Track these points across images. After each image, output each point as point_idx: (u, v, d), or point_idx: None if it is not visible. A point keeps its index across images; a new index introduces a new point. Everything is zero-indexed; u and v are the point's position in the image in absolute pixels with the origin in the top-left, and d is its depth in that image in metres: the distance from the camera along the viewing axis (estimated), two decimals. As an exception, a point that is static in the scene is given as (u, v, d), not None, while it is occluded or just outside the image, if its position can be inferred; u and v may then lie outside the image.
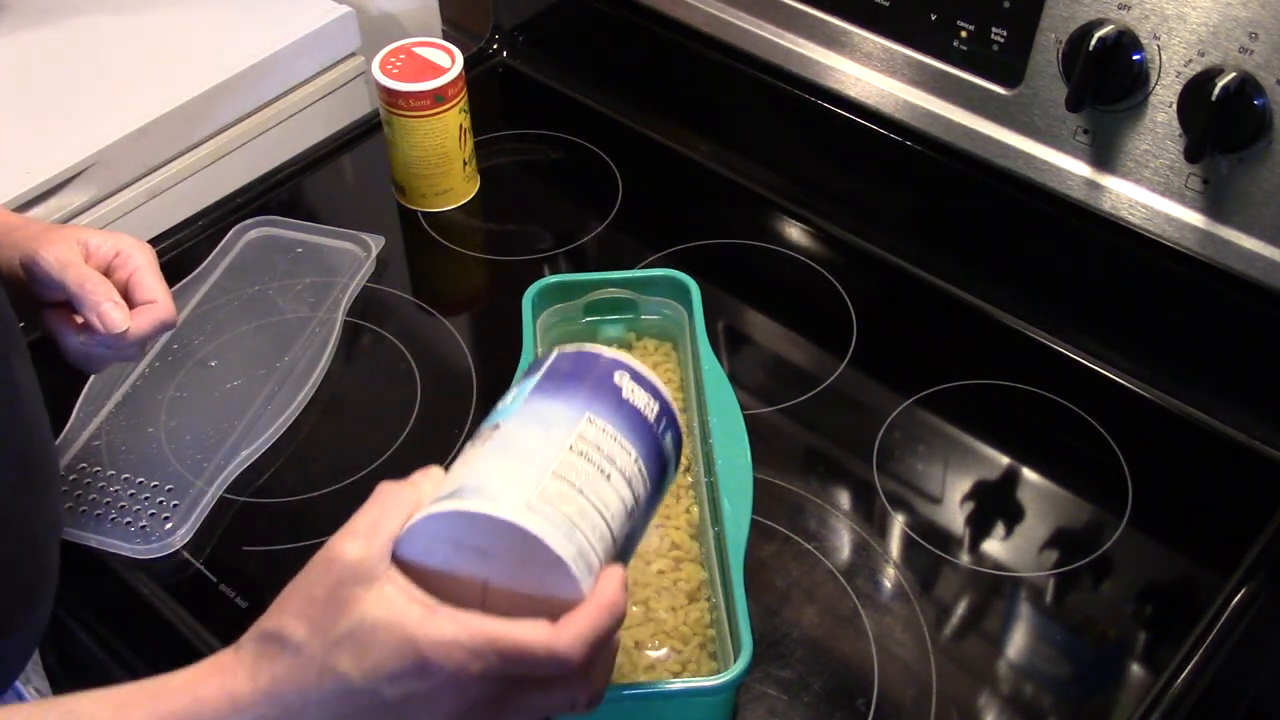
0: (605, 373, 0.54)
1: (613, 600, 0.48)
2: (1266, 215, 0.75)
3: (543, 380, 0.54)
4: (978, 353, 0.91)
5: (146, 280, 0.72)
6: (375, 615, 0.47)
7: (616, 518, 0.51)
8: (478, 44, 1.19)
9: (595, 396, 0.52)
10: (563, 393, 0.52)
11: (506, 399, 0.54)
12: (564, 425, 0.51)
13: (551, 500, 0.48)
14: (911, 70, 0.89)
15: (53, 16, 1.22)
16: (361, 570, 0.48)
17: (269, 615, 0.49)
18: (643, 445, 0.53)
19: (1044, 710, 0.70)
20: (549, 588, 0.48)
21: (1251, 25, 0.70)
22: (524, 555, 0.47)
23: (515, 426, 0.51)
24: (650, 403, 0.54)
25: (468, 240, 1.02)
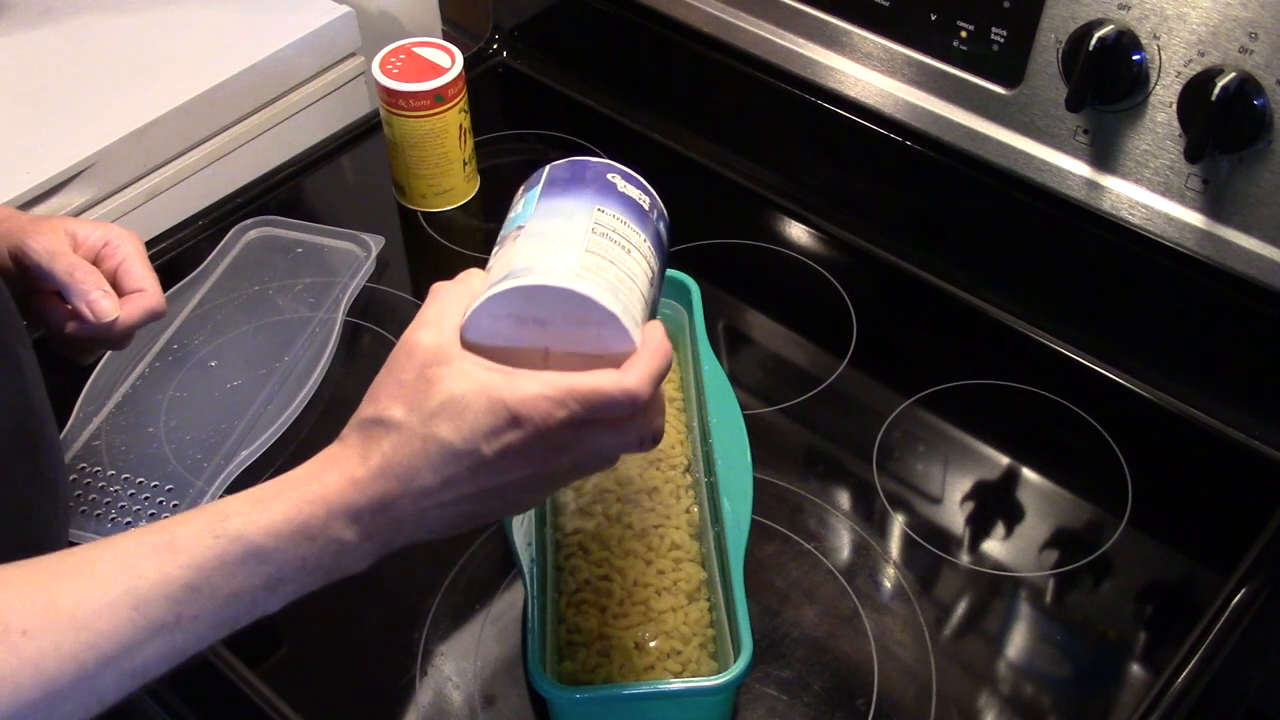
0: (600, 173, 0.59)
1: (662, 344, 0.54)
2: (1266, 215, 0.75)
3: (546, 187, 0.59)
4: (978, 353, 0.91)
5: (135, 269, 0.72)
6: (462, 386, 0.51)
7: (643, 284, 0.57)
8: (478, 44, 1.19)
9: (598, 192, 0.58)
10: (569, 192, 0.58)
11: (517, 208, 0.59)
12: (581, 214, 0.56)
13: (592, 270, 0.54)
14: (911, 70, 0.89)
15: (53, 16, 1.22)
16: (440, 353, 0.52)
17: (365, 406, 0.54)
18: (645, 228, 0.59)
19: (1044, 710, 0.70)
20: (604, 343, 0.54)
21: (1251, 25, 0.70)
22: (579, 317, 0.53)
23: (538, 222, 0.56)
24: (642, 196, 0.60)
25: (468, 240, 1.02)
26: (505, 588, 0.76)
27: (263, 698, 0.70)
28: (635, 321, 0.54)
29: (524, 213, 0.58)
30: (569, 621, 0.69)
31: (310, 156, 1.09)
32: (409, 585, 0.76)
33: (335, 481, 0.52)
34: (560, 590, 0.71)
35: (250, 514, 0.50)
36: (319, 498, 0.51)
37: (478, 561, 0.77)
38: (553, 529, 0.74)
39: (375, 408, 0.53)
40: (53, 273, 0.69)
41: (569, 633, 0.69)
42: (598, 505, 0.74)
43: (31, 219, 0.72)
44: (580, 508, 0.74)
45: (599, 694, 0.64)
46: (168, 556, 0.49)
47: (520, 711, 0.70)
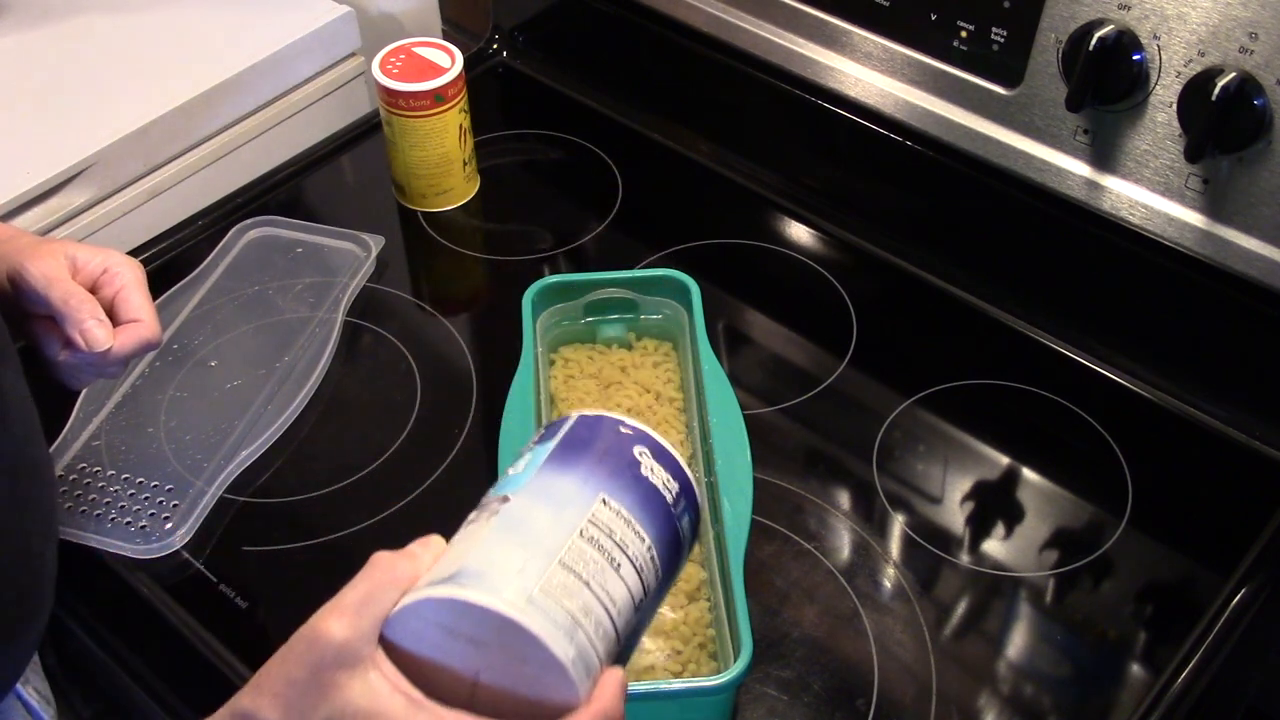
0: (625, 446, 0.50)
1: (609, 709, 0.46)
2: (1266, 215, 0.75)
3: (558, 449, 0.50)
4: (978, 353, 0.91)
5: (133, 298, 0.72)
6: (356, 706, 0.45)
7: (623, 613, 0.48)
8: (478, 44, 1.19)
9: (612, 473, 0.49)
10: (578, 466, 0.49)
11: (519, 465, 0.51)
12: (576, 506, 0.48)
13: (555, 594, 0.45)
14: (911, 70, 0.89)
15: (53, 16, 1.22)
16: (346, 652, 0.45)
17: (245, 692, 0.48)
18: (657, 529, 0.49)
19: (1044, 710, 0.70)
20: (544, 688, 0.45)
21: (1251, 25, 0.70)
22: (521, 652, 0.45)
23: (524, 502, 0.48)
24: (670, 482, 0.51)
25: (468, 240, 1.02)
26: (505, 588, 0.76)
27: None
28: (588, 669, 0.46)
29: (520, 477, 0.50)
30: (569, 621, 0.69)
31: (310, 156, 1.09)
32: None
33: None
34: (560, 590, 0.71)
35: None
36: None
37: (478, 561, 0.77)
38: (553, 529, 0.73)
39: (254, 701, 0.47)
40: (48, 299, 0.69)
41: (569, 633, 0.69)
42: (598, 505, 0.74)
43: (33, 241, 0.72)
44: (580, 508, 0.74)
45: (599, 694, 0.64)
46: None
47: (520, 711, 0.70)
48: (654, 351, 0.85)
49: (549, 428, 0.53)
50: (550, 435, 0.52)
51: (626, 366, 0.83)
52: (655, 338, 0.86)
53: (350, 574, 0.77)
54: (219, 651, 0.72)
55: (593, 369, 0.83)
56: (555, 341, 0.85)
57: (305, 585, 0.76)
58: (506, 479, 0.51)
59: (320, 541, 0.78)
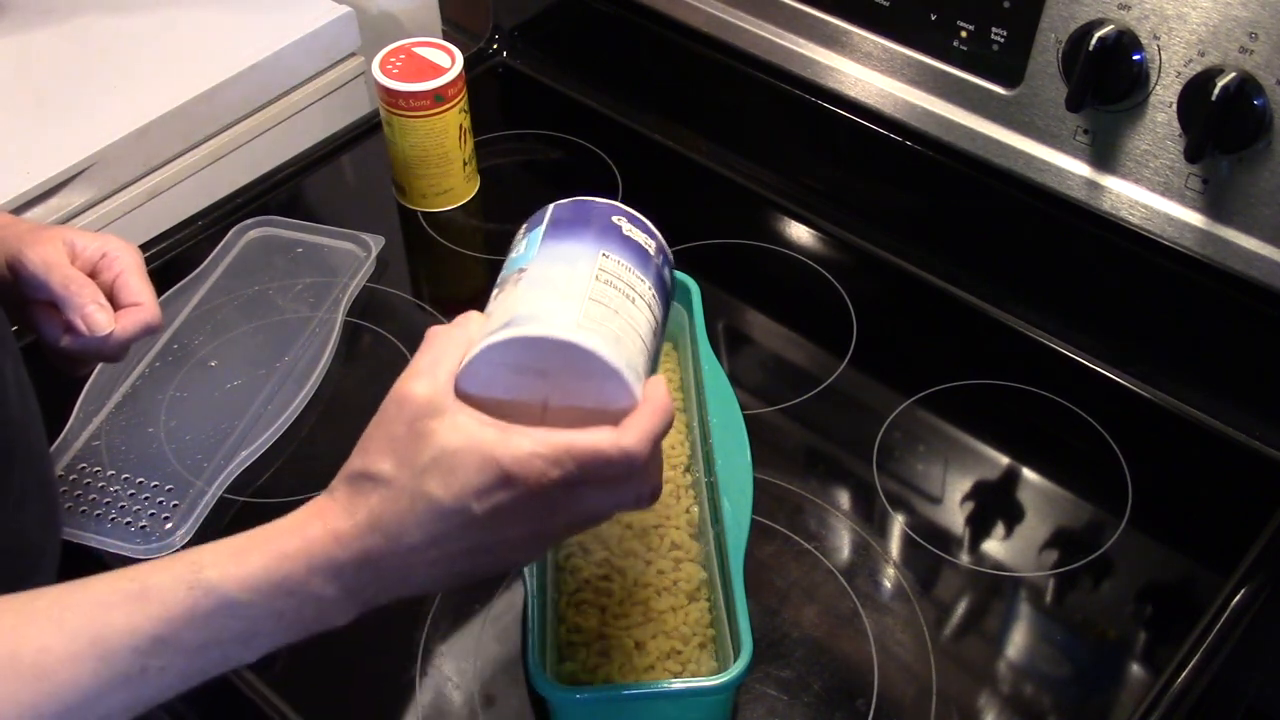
0: (604, 215, 0.58)
1: (664, 402, 0.53)
2: (1266, 215, 0.75)
3: (550, 229, 0.57)
4: (978, 353, 0.91)
5: (132, 282, 0.72)
6: (454, 442, 0.50)
7: (646, 334, 0.55)
8: (478, 44, 1.19)
9: (603, 236, 0.57)
10: (573, 235, 0.56)
11: (519, 249, 0.58)
12: (585, 260, 0.55)
13: (596, 320, 0.52)
14: (911, 70, 0.89)
15: (53, 16, 1.22)
16: (433, 405, 0.51)
17: (354, 458, 0.53)
18: (649, 274, 0.57)
19: (1044, 710, 0.70)
20: (605, 398, 0.52)
21: (1251, 25, 0.70)
22: (581, 370, 0.51)
23: (541, 266, 0.55)
24: (647, 239, 0.59)
25: (468, 240, 1.02)
26: (505, 588, 0.76)
27: (262, 697, 0.70)
28: (638, 375, 0.53)
29: (526, 254, 0.57)
30: (569, 621, 0.69)
31: (310, 156, 1.09)
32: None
33: (318, 536, 0.51)
34: (560, 590, 0.71)
35: (227, 566, 0.50)
36: (300, 551, 0.51)
37: (478, 561, 0.77)
38: (553, 529, 0.74)
39: (364, 461, 0.52)
40: (48, 284, 0.69)
41: (569, 632, 0.69)
42: (598, 505, 0.74)
43: (31, 228, 0.72)
44: (580, 508, 0.74)
45: (599, 694, 0.64)
46: (137, 606, 0.49)
47: (520, 711, 0.70)
48: (654, 351, 0.85)
49: (532, 218, 0.60)
50: (537, 222, 0.59)
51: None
52: (655, 338, 0.85)
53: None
54: (219, 651, 0.72)
55: (593, 369, 0.83)
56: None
57: (305, 585, 0.76)
58: (513, 261, 0.57)
59: (320, 541, 0.78)
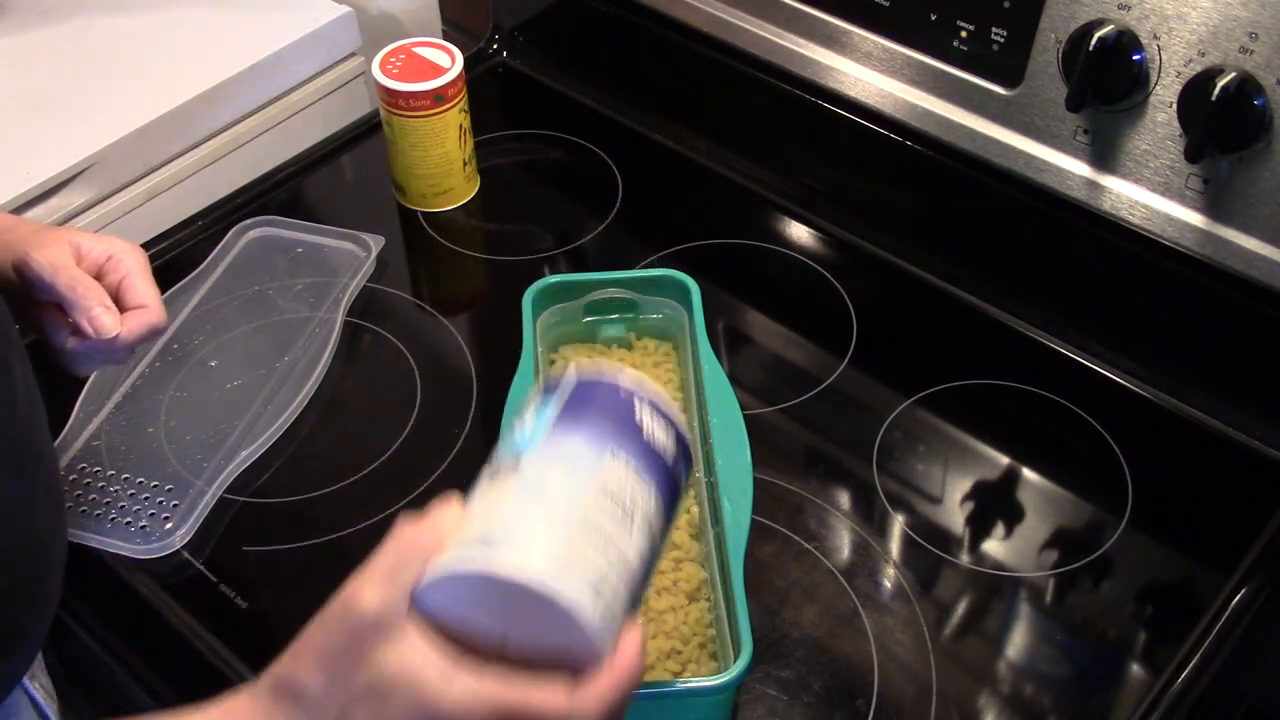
0: (627, 404, 0.52)
1: (633, 664, 0.48)
2: (1266, 215, 0.75)
3: (565, 411, 0.52)
4: (978, 353, 0.91)
5: (138, 284, 0.72)
6: (393, 671, 0.46)
7: (638, 564, 0.50)
8: (478, 44, 1.19)
9: (619, 430, 0.51)
10: (585, 425, 0.51)
11: (525, 426, 0.52)
12: (589, 464, 0.50)
13: (580, 554, 0.47)
14: (911, 70, 0.89)
15: (53, 16, 1.22)
16: (381, 622, 0.46)
17: (285, 661, 0.49)
18: (660, 479, 0.52)
19: (1044, 710, 0.70)
20: (571, 645, 0.47)
21: (1251, 25, 0.70)
22: (550, 617, 0.47)
23: (539, 464, 0.50)
24: (668, 434, 0.52)
25: (468, 240, 1.02)
26: (505, 588, 0.76)
27: (263, 698, 0.70)
28: (613, 625, 0.48)
29: (530, 439, 0.51)
30: (569, 621, 0.69)
31: (310, 156, 1.09)
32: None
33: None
34: (560, 590, 0.71)
35: None
36: None
37: (478, 561, 0.77)
38: (553, 529, 0.74)
39: (295, 667, 0.48)
40: (54, 286, 0.69)
41: (569, 633, 0.69)
42: (598, 505, 0.74)
43: (36, 229, 0.72)
44: (580, 508, 0.74)
45: (599, 694, 0.64)
46: None
47: (520, 711, 0.70)
48: (654, 351, 0.85)
49: (549, 387, 0.54)
50: (552, 395, 0.53)
51: (626, 367, 0.83)
52: (655, 338, 0.86)
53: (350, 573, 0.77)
54: (219, 651, 0.72)
55: (593, 369, 0.83)
56: (555, 341, 0.85)
57: (305, 585, 0.76)
58: (516, 443, 0.52)
59: (320, 541, 0.78)
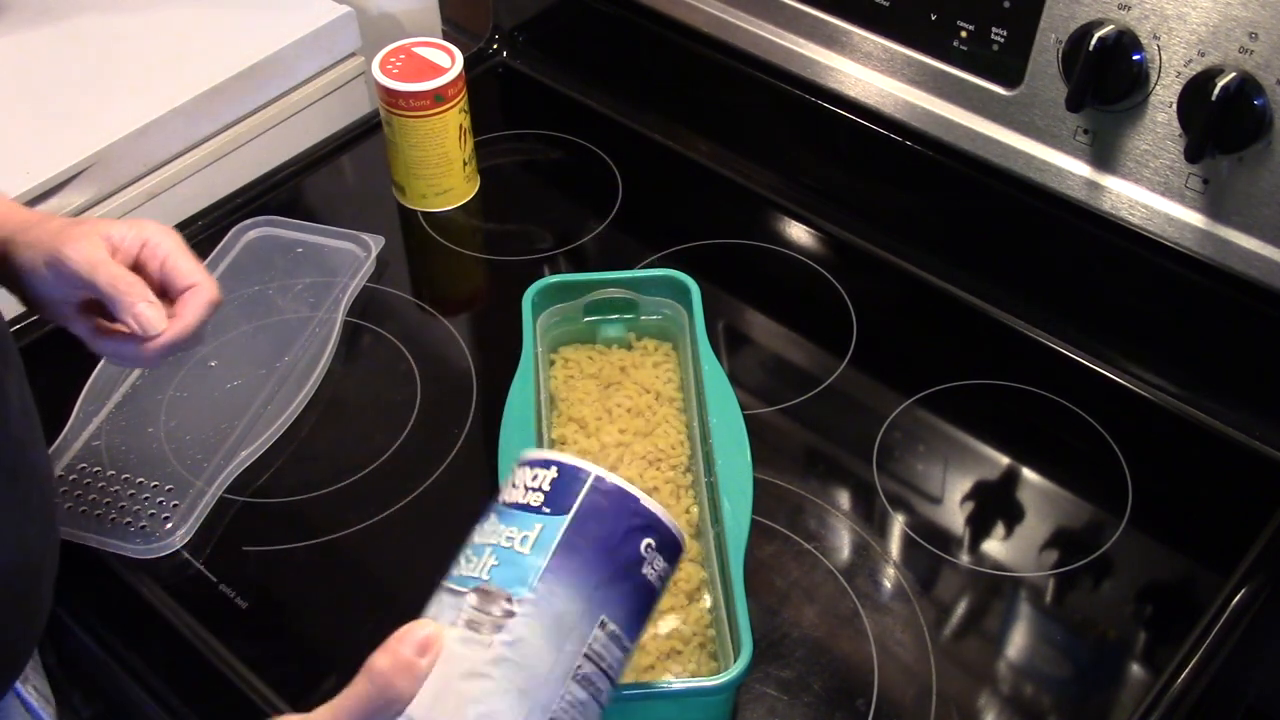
0: (633, 541, 0.49)
1: None
2: (1266, 215, 0.75)
3: (564, 542, 0.48)
4: (978, 353, 0.91)
5: (181, 265, 0.70)
6: None
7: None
8: (478, 44, 1.19)
9: (614, 581, 0.48)
10: (585, 573, 0.48)
11: (522, 530, 0.48)
12: (577, 636, 0.47)
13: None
14: (911, 70, 0.89)
15: (53, 16, 1.22)
16: None
17: None
18: (641, 623, 0.49)
19: (1044, 710, 0.70)
20: None
21: (1251, 25, 0.70)
22: None
23: (528, 629, 0.47)
24: (666, 571, 0.50)
25: (468, 240, 1.02)
26: (505, 588, 0.75)
27: (263, 698, 0.70)
28: None
29: (528, 560, 0.47)
30: (569, 621, 0.69)
31: (310, 156, 1.09)
32: (409, 585, 0.76)
33: None
34: (560, 590, 0.71)
35: None
36: None
37: (478, 561, 0.77)
38: (553, 529, 0.74)
39: None
40: (95, 284, 0.67)
41: (569, 633, 0.69)
42: (598, 505, 0.74)
43: (63, 224, 0.70)
44: (580, 508, 0.74)
45: (599, 694, 0.64)
46: None
47: (520, 711, 0.70)
48: (654, 351, 0.85)
49: (558, 485, 0.49)
50: (561, 502, 0.49)
51: (626, 366, 0.83)
52: (655, 338, 0.86)
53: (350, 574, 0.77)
54: (219, 651, 0.72)
55: (593, 369, 0.83)
56: (555, 341, 0.85)
57: (305, 585, 0.77)
58: (507, 554, 0.48)
59: (320, 541, 0.78)
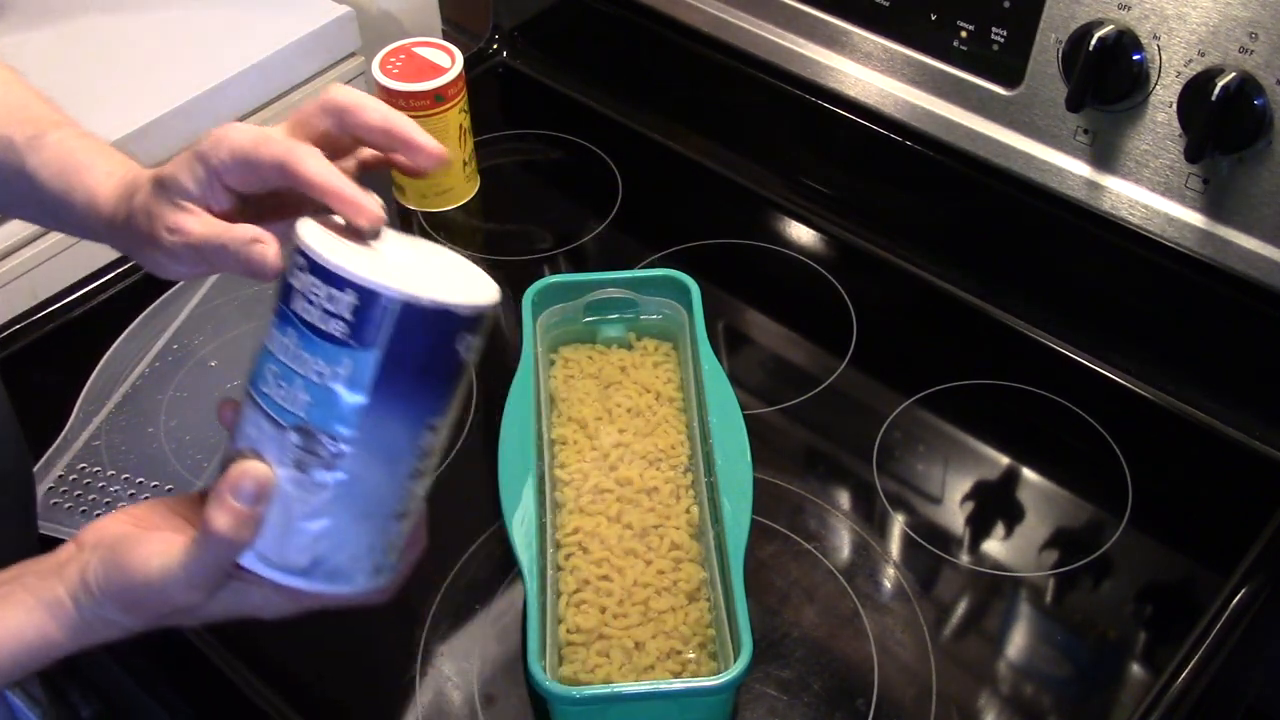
0: (451, 346, 0.46)
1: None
2: (1266, 215, 0.75)
3: (385, 374, 0.45)
4: (978, 353, 0.91)
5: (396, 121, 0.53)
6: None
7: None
8: (478, 44, 1.19)
9: (435, 386, 0.47)
10: (408, 398, 0.46)
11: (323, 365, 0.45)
12: (408, 450, 0.47)
13: (394, 546, 0.50)
14: (911, 70, 0.89)
15: (53, 16, 1.22)
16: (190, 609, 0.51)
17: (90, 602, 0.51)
18: (458, 390, 0.48)
19: (1044, 710, 0.70)
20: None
21: (1251, 25, 0.70)
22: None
23: (360, 466, 0.47)
24: (477, 340, 0.47)
25: (468, 240, 1.02)
26: (505, 588, 0.76)
27: (263, 698, 0.70)
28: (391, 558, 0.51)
29: (344, 401, 0.45)
30: (569, 621, 0.69)
31: (310, 156, 1.08)
32: (409, 585, 0.76)
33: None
34: (560, 590, 0.71)
35: None
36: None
37: (478, 561, 0.77)
38: (553, 529, 0.74)
39: (109, 611, 0.51)
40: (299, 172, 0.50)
41: (569, 633, 0.69)
42: (598, 505, 0.74)
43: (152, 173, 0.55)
44: (580, 507, 0.74)
45: (599, 694, 0.64)
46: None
47: (520, 711, 0.70)
48: (654, 351, 0.85)
49: (361, 315, 0.44)
50: (369, 334, 0.45)
51: (626, 366, 0.83)
52: (655, 338, 0.86)
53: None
54: (219, 651, 0.72)
55: (593, 369, 0.83)
56: (555, 341, 0.85)
57: (305, 585, 0.76)
58: (321, 392, 0.45)
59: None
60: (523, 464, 0.74)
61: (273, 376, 0.47)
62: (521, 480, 0.73)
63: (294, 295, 0.46)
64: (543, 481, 0.75)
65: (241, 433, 0.49)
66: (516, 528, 0.71)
